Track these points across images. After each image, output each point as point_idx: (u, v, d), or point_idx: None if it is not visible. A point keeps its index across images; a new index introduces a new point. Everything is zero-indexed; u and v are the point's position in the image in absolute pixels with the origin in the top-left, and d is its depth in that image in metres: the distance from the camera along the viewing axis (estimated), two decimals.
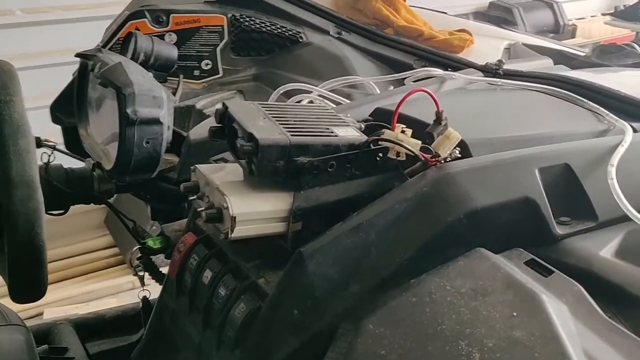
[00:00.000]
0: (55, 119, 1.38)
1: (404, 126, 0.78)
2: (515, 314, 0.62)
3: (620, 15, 3.72)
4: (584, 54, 1.47)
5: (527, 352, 0.58)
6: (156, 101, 0.99)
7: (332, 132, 0.78)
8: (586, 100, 0.98)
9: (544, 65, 1.30)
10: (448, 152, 0.78)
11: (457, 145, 0.78)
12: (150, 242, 0.94)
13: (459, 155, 0.77)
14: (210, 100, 1.28)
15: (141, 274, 1.00)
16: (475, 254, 0.71)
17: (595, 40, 3.74)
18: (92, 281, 2.71)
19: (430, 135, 0.81)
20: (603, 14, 4.17)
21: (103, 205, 3.03)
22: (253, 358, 0.72)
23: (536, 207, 0.76)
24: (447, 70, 1.21)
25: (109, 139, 1.14)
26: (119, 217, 1.15)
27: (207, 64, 1.41)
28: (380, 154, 0.77)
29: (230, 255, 0.80)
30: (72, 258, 2.76)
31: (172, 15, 1.40)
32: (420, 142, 0.77)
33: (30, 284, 0.93)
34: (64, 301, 2.55)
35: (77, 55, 1.17)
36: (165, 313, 0.88)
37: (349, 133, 0.79)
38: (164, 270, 1.05)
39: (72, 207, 1.13)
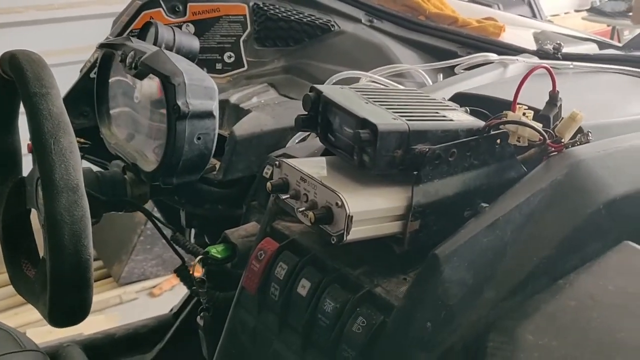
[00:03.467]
0: None
1: (526, 107, 0.69)
2: None
3: (596, 11, 3.74)
4: (619, 44, 1.41)
5: None
6: (208, 92, 0.88)
7: (445, 117, 0.68)
8: None
9: (592, 49, 1.24)
10: (571, 135, 0.69)
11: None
12: (213, 251, 0.82)
13: (591, 139, 0.68)
14: (244, 94, 1.16)
15: (202, 290, 0.88)
16: (627, 249, 0.63)
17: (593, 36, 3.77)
18: None
19: (545, 118, 0.72)
20: (576, 11, 4.21)
21: None
22: None
23: None
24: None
25: (142, 137, 1.02)
26: (154, 224, 1.02)
27: (229, 57, 1.30)
28: (500, 140, 0.68)
29: (330, 261, 0.69)
30: None
31: (189, 4, 1.28)
32: (541, 124, 0.69)
33: (74, 305, 0.80)
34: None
35: (102, 45, 1.04)
36: (243, 333, 0.76)
37: (463, 117, 0.70)
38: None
39: None
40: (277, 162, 0.71)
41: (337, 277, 0.68)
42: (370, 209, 0.63)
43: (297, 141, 0.94)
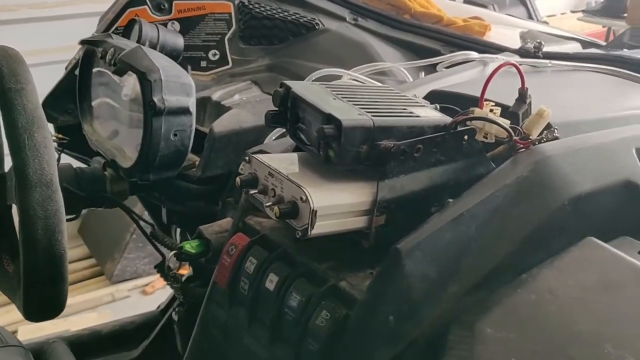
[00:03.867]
0: (48, 118, 1.24)
1: (493, 104, 0.70)
2: None
3: (592, 11, 3.74)
4: (603, 43, 1.42)
5: None
6: (184, 88, 0.89)
7: (412, 113, 0.69)
8: None
9: (574, 48, 1.24)
10: (539, 132, 0.70)
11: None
12: (187, 246, 0.83)
13: (558, 136, 0.69)
14: (226, 91, 1.17)
15: (177, 285, 0.88)
16: (588, 244, 0.64)
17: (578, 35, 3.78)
18: (68, 295, 2.55)
19: (514, 115, 0.73)
20: (572, 12, 4.21)
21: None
22: None
23: (638, 190, 0.69)
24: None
25: (123, 134, 1.02)
26: (134, 221, 1.03)
27: (214, 54, 1.30)
28: (467, 136, 0.68)
29: (298, 256, 0.70)
30: None
31: (174, 2, 1.29)
32: (509, 121, 0.69)
33: (49, 300, 0.81)
34: None
35: (82, 42, 1.05)
36: (214, 327, 0.77)
37: (430, 113, 0.70)
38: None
39: None
40: (247, 158, 0.72)
41: (304, 271, 0.68)
42: (335, 204, 0.63)
43: (274, 138, 0.94)
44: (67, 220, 0.98)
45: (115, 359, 1.50)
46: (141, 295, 2.64)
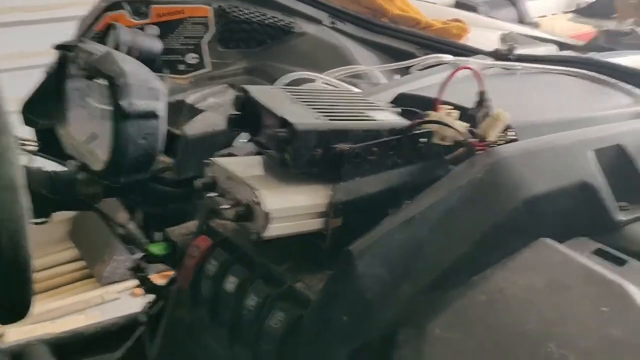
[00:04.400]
0: (28, 121, 1.26)
1: (450, 107, 0.70)
2: (605, 309, 0.55)
3: (583, 12, 3.75)
4: (580, 45, 1.43)
5: (633, 352, 0.51)
6: (153, 92, 0.90)
7: (369, 117, 0.70)
8: (617, 81, 0.92)
9: (550, 51, 1.25)
10: (497, 135, 0.70)
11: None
12: (153, 249, 0.83)
13: (514, 137, 0.69)
14: (201, 94, 1.18)
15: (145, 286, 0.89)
16: (541, 245, 0.64)
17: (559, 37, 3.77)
18: (57, 297, 2.55)
19: (472, 118, 0.74)
20: (564, 12, 4.22)
21: (67, 217, 2.87)
22: None
23: (595, 192, 0.69)
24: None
25: (95, 137, 1.03)
26: (107, 224, 1.03)
27: (193, 58, 1.31)
28: (424, 139, 0.69)
29: (257, 258, 0.70)
30: (36, 273, 2.60)
31: (152, 6, 1.30)
32: (467, 124, 0.70)
33: (13, 303, 0.81)
34: (28, 320, 2.38)
35: (56, 47, 1.06)
36: (180, 327, 0.78)
37: (388, 117, 0.71)
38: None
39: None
40: (208, 161, 0.72)
41: (262, 273, 0.69)
42: (291, 206, 0.64)
43: (244, 140, 0.95)
44: (38, 223, 0.99)
45: None
46: (130, 297, 2.65)
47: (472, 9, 3.99)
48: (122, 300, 2.61)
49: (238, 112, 0.72)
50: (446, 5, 3.93)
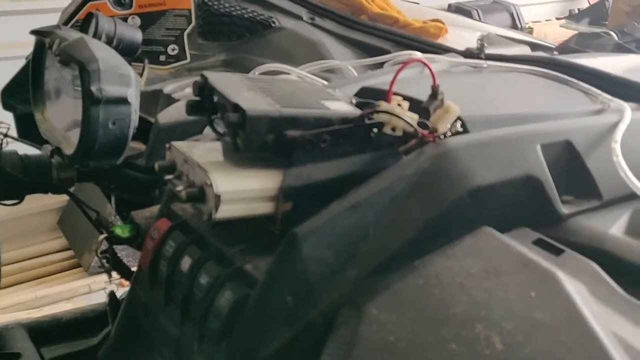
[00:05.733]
0: (7, 106, 1.28)
1: (401, 98, 0.73)
2: (533, 294, 0.57)
3: (575, 18, 3.78)
4: (553, 46, 1.45)
5: (552, 334, 0.53)
6: (123, 79, 0.92)
7: (323, 106, 0.72)
8: (576, 81, 0.95)
9: (521, 51, 1.27)
10: (447, 127, 0.73)
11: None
12: (118, 230, 0.86)
13: (461, 130, 0.72)
14: (178, 84, 1.20)
15: (107, 265, 0.91)
16: (482, 233, 0.66)
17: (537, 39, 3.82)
18: (45, 285, 2.58)
19: (426, 111, 0.76)
20: (557, 18, 4.25)
21: (57, 206, 2.89)
22: (241, 352, 0.65)
23: (540, 185, 0.72)
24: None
25: (70, 124, 1.05)
26: (80, 208, 1.06)
27: (173, 49, 1.33)
28: (375, 129, 0.71)
29: (212, 240, 0.73)
30: (24, 262, 2.62)
31: None
32: (417, 116, 0.72)
33: None
34: (16, 307, 2.42)
35: (32, 32, 1.08)
36: (137, 307, 0.80)
37: (342, 107, 0.73)
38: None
39: (23, 208, 1.03)
40: (167, 145, 0.75)
41: (214, 254, 0.71)
42: (241, 189, 0.66)
43: None
44: (10, 205, 1.02)
45: (75, 345, 1.52)
46: (117, 287, 2.67)
47: (466, 12, 4.03)
48: (109, 290, 2.63)
49: (197, 98, 0.74)
50: (439, 9, 3.97)
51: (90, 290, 2.64)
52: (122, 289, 2.79)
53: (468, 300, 0.58)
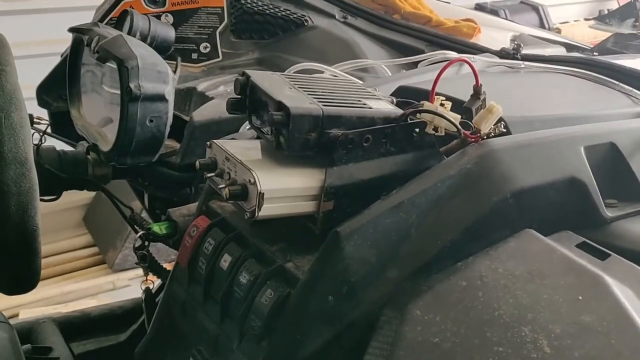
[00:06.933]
0: (42, 103, 1.29)
1: (443, 98, 0.72)
2: (580, 297, 0.57)
3: (604, 19, 3.73)
4: (589, 47, 1.43)
5: (602, 338, 0.52)
6: (161, 76, 0.92)
7: (365, 104, 0.72)
8: (617, 82, 0.93)
9: (557, 52, 1.26)
10: (490, 127, 0.72)
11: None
12: (155, 228, 0.86)
13: (504, 130, 0.71)
14: (212, 82, 1.20)
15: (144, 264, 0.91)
16: (525, 236, 0.66)
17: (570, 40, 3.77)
18: (70, 281, 2.61)
19: (468, 111, 0.75)
20: (585, 19, 4.20)
21: (82, 203, 2.90)
22: (282, 350, 0.65)
23: (584, 187, 0.71)
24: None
25: (106, 120, 1.06)
26: (115, 205, 1.06)
27: (206, 47, 1.34)
28: (418, 129, 0.71)
29: (252, 238, 0.73)
30: (50, 257, 2.64)
31: None
32: (459, 116, 0.72)
33: (22, 273, 0.84)
34: (41, 302, 2.44)
35: (71, 29, 1.09)
36: (174, 305, 0.80)
37: (383, 106, 0.73)
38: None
39: (49, 205, 1.03)
40: (208, 143, 0.75)
41: (255, 252, 0.71)
42: (284, 187, 0.66)
43: (248, 128, 0.97)
44: (48, 200, 1.03)
45: (104, 341, 1.53)
46: (142, 284, 2.69)
47: (493, 12, 3.99)
48: (133, 288, 2.65)
49: (238, 96, 0.74)
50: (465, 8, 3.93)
51: (114, 287, 2.66)
52: (144, 285, 2.82)
53: (513, 302, 0.58)
